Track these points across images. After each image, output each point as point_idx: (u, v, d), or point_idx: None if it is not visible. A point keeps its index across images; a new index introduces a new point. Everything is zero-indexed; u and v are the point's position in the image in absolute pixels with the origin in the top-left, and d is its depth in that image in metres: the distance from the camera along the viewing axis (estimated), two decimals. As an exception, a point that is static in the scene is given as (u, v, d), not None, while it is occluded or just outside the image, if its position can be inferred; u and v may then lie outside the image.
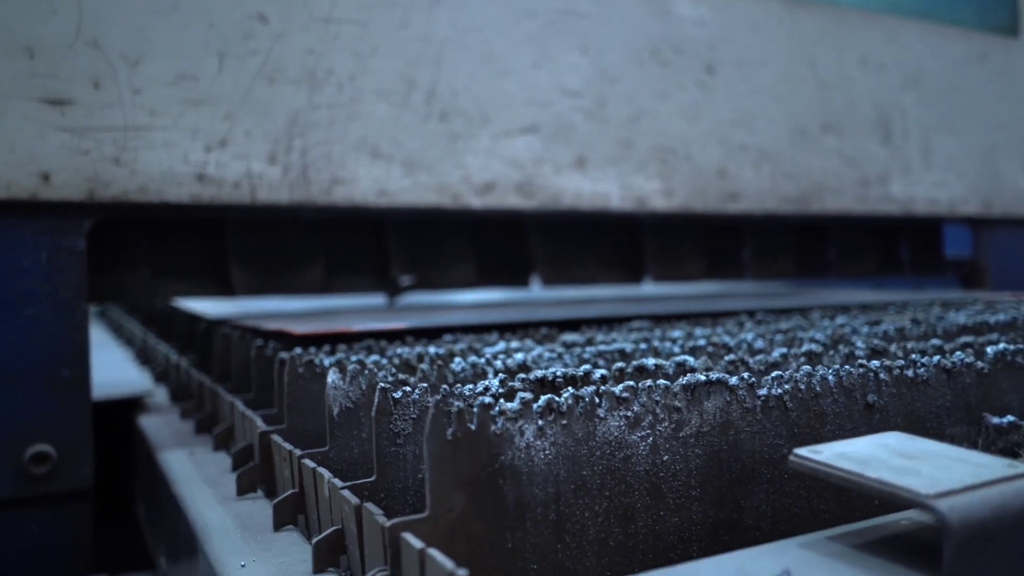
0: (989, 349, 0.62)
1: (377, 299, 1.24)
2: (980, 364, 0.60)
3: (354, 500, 0.45)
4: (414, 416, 0.49)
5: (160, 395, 1.02)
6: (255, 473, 0.62)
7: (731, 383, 0.50)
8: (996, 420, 0.54)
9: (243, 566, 0.48)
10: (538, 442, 0.43)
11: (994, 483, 0.36)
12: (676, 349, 0.72)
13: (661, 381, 0.49)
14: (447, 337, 0.83)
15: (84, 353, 0.86)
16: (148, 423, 0.89)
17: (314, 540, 0.47)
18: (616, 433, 0.46)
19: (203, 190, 0.93)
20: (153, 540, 0.79)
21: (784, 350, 0.67)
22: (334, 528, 0.47)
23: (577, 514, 0.44)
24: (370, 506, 0.43)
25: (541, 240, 1.28)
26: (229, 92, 0.94)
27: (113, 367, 1.25)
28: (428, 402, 0.49)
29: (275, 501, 0.55)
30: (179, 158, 0.92)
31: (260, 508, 0.58)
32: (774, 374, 0.53)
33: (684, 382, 0.49)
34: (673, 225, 1.38)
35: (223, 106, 0.94)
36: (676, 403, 0.48)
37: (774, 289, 1.65)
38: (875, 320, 0.93)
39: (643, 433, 0.46)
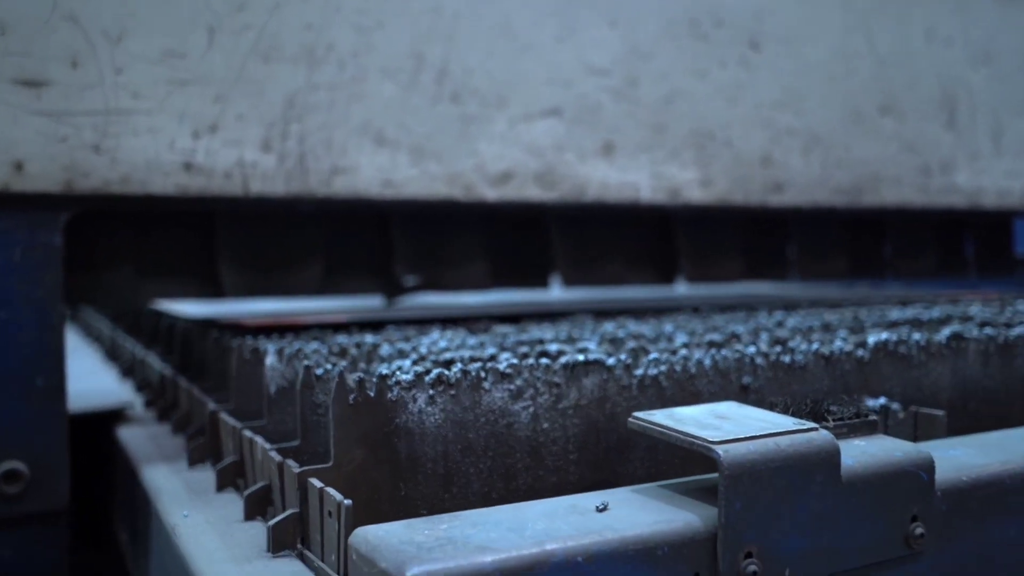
0: (870, 339, 0.75)
1: (378, 301, 1.24)
2: (860, 352, 0.73)
3: (278, 458, 0.58)
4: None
5: (128, 390, 1.12)
6: (204, 447, 0.76)
7: (608, 363, 0.62)
8: (871, 402, 0.69)
9: (186, 516, 0.62)
10: (429, 408, 0.56)
11: (772, 435, 0.48)
12: (595, 337, 0.82)
13: (544, 360, 0.61)
14: (391, 328, 0.97)
15: (60, 360, 0.86)
16: (127, 434, 0.89)
17: (245, 493, 0.61)
18: (500, 403, 0.58)
19: (191, 180, 0.93)
20: (118, 522, 0.88)
21: (687, 339, 0.78)
22: (262, 483, 0.61)
23: (463, 470, 0.57)
24: (289, 461, 0.56)
25: (563, 236, 1.27)
26: (220, 71, 0.94)
27: (87, 376, 1.26)
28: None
29: (218, 467, 0.68)
30: (165, 145, 0.92)
31: (207, 476, 0.72)
32: (651, 356, 0.66)
33: (563, 361, 0.61)
34: (710, 219, 1.37)
35: (213, 87, 0.94)
36: (556, 379, 0.60)
37: (820, 291, 1.63)
38: (812, 315, 1.05)
39: (525, 404, 0.59)
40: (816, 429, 0.50)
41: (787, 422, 0.51)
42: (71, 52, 0.87)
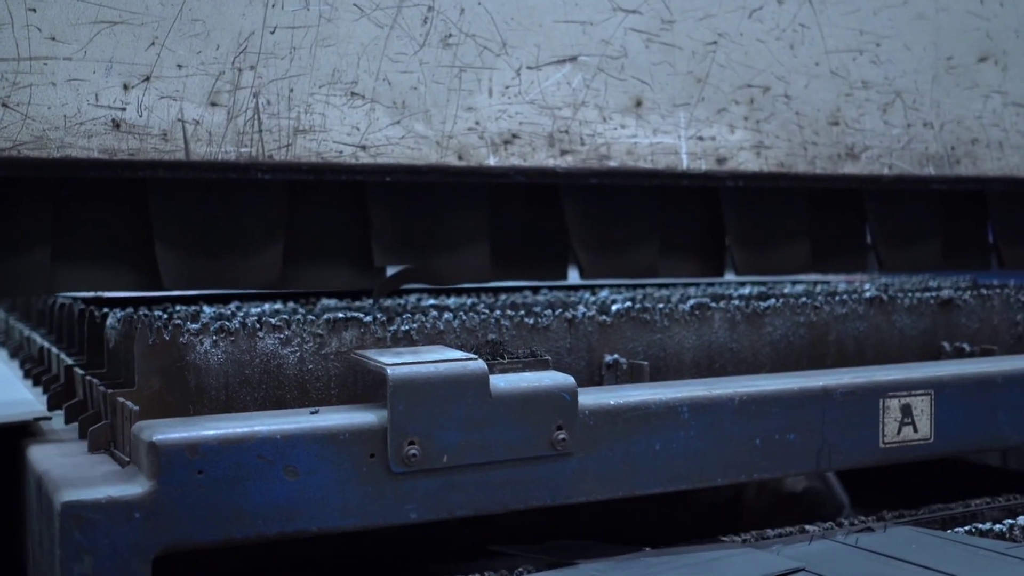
0: (614, 306, 1.10)
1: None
2: (603, 317, 1.08)
3: (103, 389, 0.94)
4: None
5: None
6: (60, 394, 1.09)
7: (364, 320, 0.99)
8: (608, 358, 1.06)
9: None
10: (213, 350, 0.93)
11: (435, 362, 0.86)
12: (396, 306, 1.14)
13: (311, 316, 0.98)
14: (235, 302, 1.26)
15: (-40, 363, 0.88)
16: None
17: (80, 417, 0.97)
18: (272, 348, 0.95)
19: (120, 142, 0.95)
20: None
21: (471, 302, 1.17)
22: (93, 411, 0.97)
23: (242, 397, 0.94)
24: (110, 390, 0.92)
25: (581, 214, 1.28)
26: (156, 9, 0.96)
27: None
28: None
29: (65, 405, 1.03)
30: (88, 99, 0.94)
31: (61, 416, 1.04)
32: (406, 315, 1.02)
33: (326, 317, 0.97)
34: (766, 193, 1.38)
35: (148, 28, 0.96)
36: (319, 331, 0.97)
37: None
38: (643, 292, 1.37)
39: (293, 349, 0.96)
40: (474, 359, 0.88)
41: (458, 355, 0.89)
42: (-27, -15, 0.89)
